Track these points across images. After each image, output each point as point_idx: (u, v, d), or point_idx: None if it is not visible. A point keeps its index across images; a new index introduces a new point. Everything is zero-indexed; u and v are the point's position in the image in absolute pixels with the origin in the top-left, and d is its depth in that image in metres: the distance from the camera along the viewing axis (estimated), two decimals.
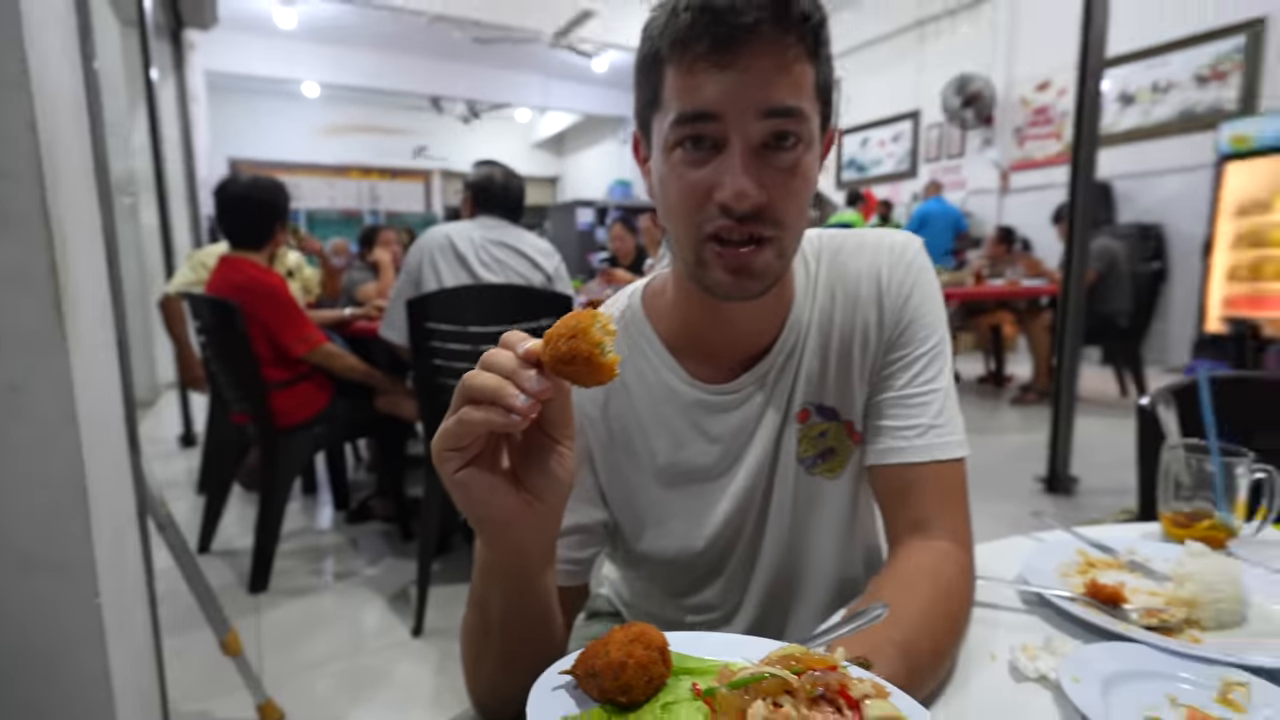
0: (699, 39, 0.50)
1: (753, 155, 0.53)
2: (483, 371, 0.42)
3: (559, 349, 0.40)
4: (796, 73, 0.52)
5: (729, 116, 0.52)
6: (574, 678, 0.42)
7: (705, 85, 0.51)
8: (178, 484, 3.07)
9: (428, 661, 1.68)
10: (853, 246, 0.68)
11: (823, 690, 0.37)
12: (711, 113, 0.52)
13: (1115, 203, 5.67)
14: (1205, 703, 0.48)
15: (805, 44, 0.52)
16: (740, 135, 0.52)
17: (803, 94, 0.53)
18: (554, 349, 0.40)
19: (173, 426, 3.85)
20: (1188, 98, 5.27)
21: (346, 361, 2.16)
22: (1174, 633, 0.57)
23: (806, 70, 0.53)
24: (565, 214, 9.06)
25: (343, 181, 10.77)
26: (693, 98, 0.52)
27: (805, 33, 0.52)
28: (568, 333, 0.40)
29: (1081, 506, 2.64)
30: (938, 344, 0.66)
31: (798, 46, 0.52)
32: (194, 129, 5.08)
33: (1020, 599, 0.65)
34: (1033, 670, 0.52)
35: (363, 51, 8.39)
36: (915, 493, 0.63)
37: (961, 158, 6.91)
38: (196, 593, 1.27)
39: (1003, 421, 4.07)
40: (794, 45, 0.51)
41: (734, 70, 0.51)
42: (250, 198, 2.12)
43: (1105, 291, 4.11)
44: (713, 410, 0.66)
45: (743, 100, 0.51)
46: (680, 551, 0.69)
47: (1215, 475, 0.74)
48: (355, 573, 2.17)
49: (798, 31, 0.51)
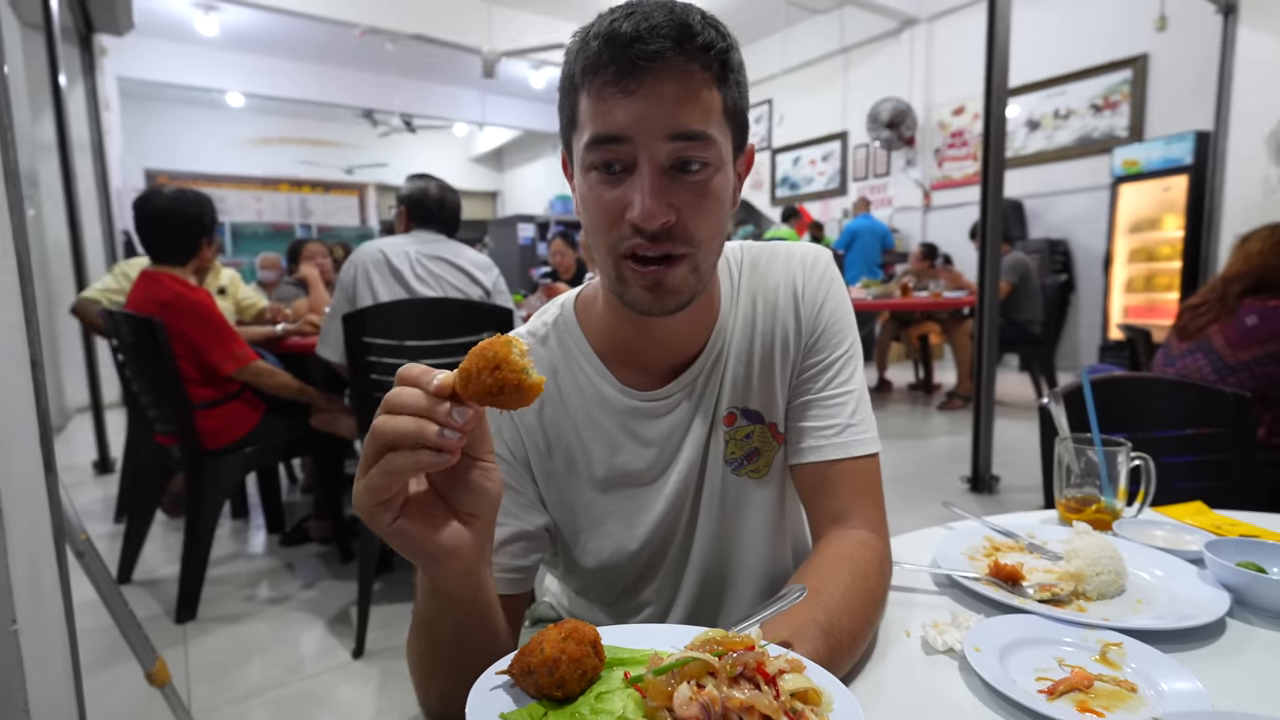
0: (607, 66, 0.54)
1: (661, 176, 0.56)
2: (395, 416, 0.41)
3: (484, 383, 0.40)
4: (702, 98, 0.55)
5: (637, 140, 0.54)
6: (511, 676, 0.43)
7: (614, 110, 0.54)
8: (93, 513, 2.88)
9: (370, 682, 1.64)
10: (768, 258, 0.73)
11: (742, 669, 0.40)
12: (621, 136, 0.55)
13: (1026, 220, 6.08)
14: (1087, 662, 0.54)
15: (710, 71, 0.55)
16: (648, 157, 0.55)
17: (710, 119, 0.56)
18: (479, 384, 0.40)
19: (86, 452, 3.61)
20: (1085, 124, 5.73)
21: (279, 379, 2.09)
22: (1064, 604, 0.64)
23: (713, 95, 0.56)
24: (506, 229, 9.01)
25: (271, 195, 10.38)
26: (603, 121, 0.55)
27: (709, 61, 0.55)
28: (489, 365, 0.40)
29: (1003, 504, 2.81)
30: (850, 348, 0.71)
31: (703, 74, 0.55)
32: (107, 138, 4.81)
33: (933, 581, 0.71)
34: (941, 643, 0.57)
35: (291, 62, 8.14)
36: (835, 487, 0.68)
37: (887, 176, 7.27)
38: (120, 622, 1.21)
39: (932, 426, 4.27)
40: (698, 72, 0.54)
41: (640, 96, 0.53)
42: (174, 211, 2.03)
43: (1019, 302, 4.40)
44: (644, 416, 0.69)
45: (649, 125, 0.54)
46: (616, 553, 0.71)
47: (1099, 464, 0.82)
48: (291, 597, 2.10)
49: (701, 60, 0.54)
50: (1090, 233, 5.67)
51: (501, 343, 0.41)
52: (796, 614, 0.53)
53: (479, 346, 0.41)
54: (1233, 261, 1.76)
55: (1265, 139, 4.17)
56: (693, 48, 0.54)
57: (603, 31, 0.54)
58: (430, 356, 1.74)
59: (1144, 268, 5.31)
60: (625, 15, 0.54)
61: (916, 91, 6.82)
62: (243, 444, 2.06)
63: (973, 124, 6.49)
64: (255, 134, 9.98)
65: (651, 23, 0.52)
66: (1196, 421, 1.30)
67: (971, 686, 0.52)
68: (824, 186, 7.94)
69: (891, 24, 6.83)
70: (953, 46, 6.54)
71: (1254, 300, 1.67)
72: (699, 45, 0.54)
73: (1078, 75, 5.71)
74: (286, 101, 8.58)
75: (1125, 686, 0.50)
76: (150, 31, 6.81)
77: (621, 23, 0.53)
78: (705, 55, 0.54)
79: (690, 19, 0.54)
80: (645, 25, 0.52)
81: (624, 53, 0.53)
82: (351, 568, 2.25)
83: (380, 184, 11.14)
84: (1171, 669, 0.51)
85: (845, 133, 7.60)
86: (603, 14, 0.55)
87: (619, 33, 0.53)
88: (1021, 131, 6.08)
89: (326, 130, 10.46)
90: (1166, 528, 0.79)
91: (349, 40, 6.63)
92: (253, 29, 7.07)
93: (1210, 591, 0.64)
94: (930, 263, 5.19)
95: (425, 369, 0.42)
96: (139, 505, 2.28)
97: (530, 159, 11.87)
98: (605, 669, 0.44)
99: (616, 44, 0.53)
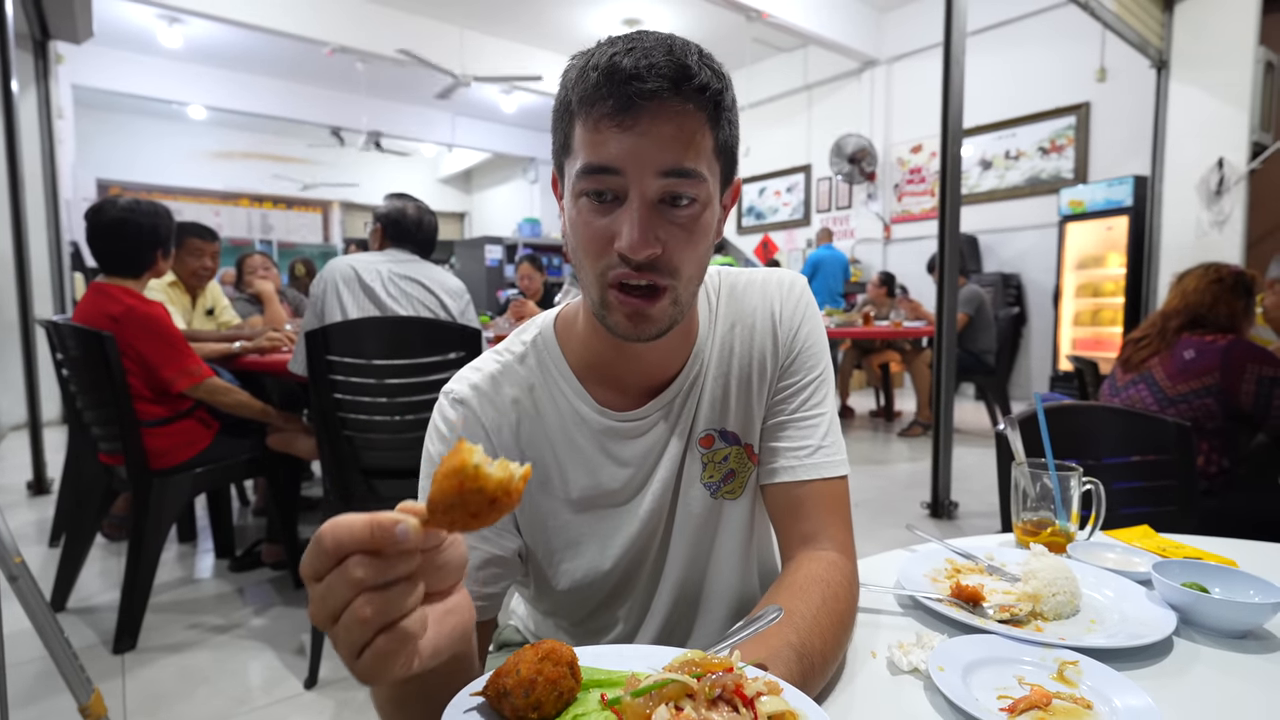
0: (605, 100, 0.54)
1: (650, 209, 0.57)
2: (351, 597, 0.34)
3: (468, 520, 0.36)
4: (695, 138, 0.56)
5: (629, 173, 0.56)
6: (485, 698, 0.43)
7: (609, 142, 0.55)
8: (27, 536, 2.73)
9: (324, 713, 1.57)
10: (745, 284, 0.75)
11: (720, 691, 0.40)
12: (613, 168, 0.56)
13: (981, 254, 6.33)
14: (1045, 680, 0.56)
15: (705, 112, 0.56)
16: (639, 191, 0.56)
17: (701, 157, 0.57)
18: (463, 522, 0.36)
19: (20, 472, 3.42)
20: (1034, 165, 6.02)
21: (236, 397, 2.03)
22: (1022, 624, 0.66)
23: (705, 135, 0.57)
24: (473, 250, 8.97)
25: (230, 209, 10.15)
26: (597, 152, 0.56)
27: (704, 102, 0.56)
28: (467, 501, 0.35)
29: (961, 529, 2.87)
30: (823, 372, 0.73)
31: (697, 114, 0.56)
32: (58, 147, 4.67)
33: (897, 602, 0.72)
34: (906, 663, 0.58)
35: (257, 77, 8.04)
36: (806, 508, 0.69)
37: (849, 209, 7.49)
38: (53, 651, 1.14)
39: (893, 453, 4.36)
40: (693, 113, 0.56)
41: (634, 132, 0.54)
42: (128, 222, 1.95)
43: (974, 333, 4.56)
44: (620, 437, 0.70)
45: (642, 160, 0.55)
46: (589, 573, 0.71)
47: (1054, 488, 0.85)
48: (240, 624, 2.01)
49: (696, 101, 0.55)
50: (1040, 268, 5.92)
51: (469, 473, 0.35)
52: (770, 636, 0.54)
53: (446, 478, 0.35)
54: (1171, 298, 1.87)
55: (1196, 186, 4.44)
56: (689, 89, 0.55)
57: (603, 64, 0.55)
58: (396, 376, 1.71)
59: (1090, 303, 5.56)
60: (626, 50, 0.55)
61: (877, 128, 7.08)
62: (193, 464, 1.98)
63: (930, 161, 6.76)
64: (216, 147, 9.78)
65: (651, 60, 0.54)
66: (1142, 449, 1.36)
67: (936, 705, 0.53)
68: (789, 217, 8.14)
69: (853, 64, 7.10)
70: (911, 88, 6.83)
71: (1191, 335, 1.77)
72: (695, 87, 0.55)
73: (1026, 119, 6.01)
74: (251, 116, 8.45)
75: (1081, 704, 0.52)
76: (110, 41, 6.67)
77: (622, 57, 0.54)
78: (700, 97, 0.55)
79: (689, 60, 0.55)
80: (645, 63, 0.53)
81: (622, 89, 0.54)
82: (304, 594, 2.17)
83: (345, 201, 11.00)
84: (1125, 686, 0.53)
85: (809, 165, 7.83)
86: (603, 44, 0.57)
87: (619, 68, 0.54)
88: (975, 170, 6.36)
89: (291, 146, 10.32)
90: (1117, 550, 0.82)
91: (318, 57, 6.59)
92: (218, 43, 6.97)
93: (1158, 611, 0.66)
94: (887, 289, 5.35)
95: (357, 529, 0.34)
96: (77, 527, 2.17)
97: (499, 181, 11.89)
98: (582, 690, 0.44)
99: (615, 79, 0.54)
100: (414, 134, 9.37)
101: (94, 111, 8.23)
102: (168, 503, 1.94)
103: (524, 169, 11.01)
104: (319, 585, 0.35)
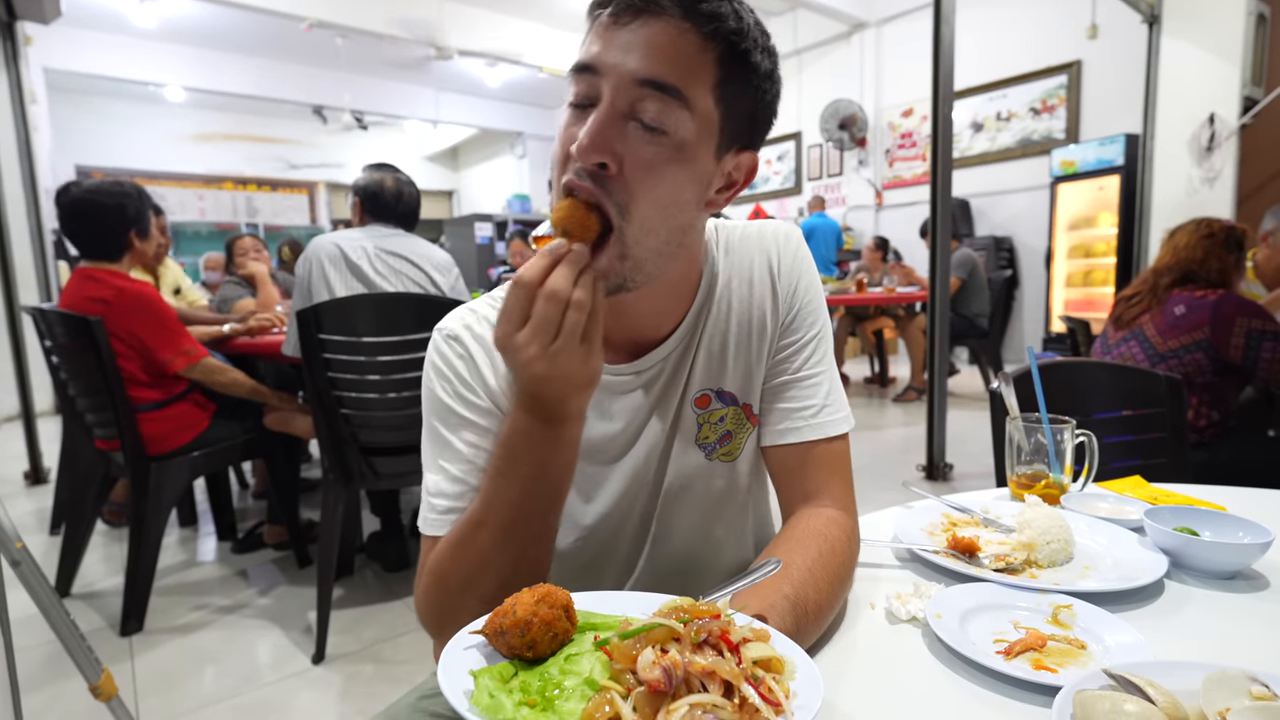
0: (608, 3, 0.54)
1: (616, 117, 0.54)
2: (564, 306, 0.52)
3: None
4: (688, 60, 0.53)
5: (605, 73, 0.54)
6: (484, 636, 0.45)
7: (597, 42, 0.54)
8: (27, 526, 2.73)
9: (332, 688, 1.60)
10: (740, 237, 0.73)
11: (706, 636, 0.41)
12: (592, 66, 0.54)
13: (973, 218, 6.31)
14: (1040, 624, 0.57)
15: (712, 42, 0.53)
16: (611, 96, 0.53)
17: (691, 81, 0.54)
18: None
19: (17, 463, 3.42)
20: (1025, 126, 5.97)
21: (231, 376, 2.02)
22: (1017, 572, 0.67)
23: (704, 66, 0.54)
24: (463, 228, 8.87)
25: (215, 193, 9.98)
26: (585, 51, 0.55)
27: (713, 32, 0.53)
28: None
29: (956, 490, 2.86)
30: (823, 328, 0.72)
31: (699, 39, 0.53)
32: (34, 134, 4.56)
33: (895, 556, 0.73)
34: (904, 613, 0.59)
35: (235, 55, 7.83)
36: (808, 467, 0.69)
37: (841, 176, 7.43)
38: (61, 634, 1.15)
39: (888, 418, 4.39)
40: (691, 33, 0.53)
41: (625, 31, 0.53)
42: (91, 202, 1.87)
43: (967, 296, 4.56)
44: (608, 391, 0.68)
45: (621, 61, 0.53)
46: (569, 527, 0.70)
47: (1047, 441, 0.86)
48: (245, 604, 2.02)
49: (703, 27, 0.53)
50: (1032, 230, 5.91)
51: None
52: (765, 587, 0.54)
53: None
54: (1162, 254, 1.87)
55: (1187, 142, 4.41)
56: (698, 13, 0.53)
57: None
58: (387, 353, 1.70)
59: (1082, 264, 5.56)
60: None
61: (867, 93, 7.00)
62: (191, 448, 1.98)
63: (921, 125, 6.69)
64: (197, 130, 9.57)
65: None
66: (1133, 403, 1.37)
67: (934, 650, 0.54)
68: (780, 186, 8.08)
69: (842, 27, 6.98)
70: (901, 50, 6.73)
71: (1182, 291, 1.77)
72: (705, 13, 0.53)
73: (1017, 79, 5.95)
74: (230, 96, 8.26)
75: (1075, 644, 0.53)
76: (81, 21, 6.48)
77: None
78: (709, 24, 0.53)
79: None
80: None
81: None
82: (309, 573, 2.19)
83: (331, 182, 10.83)
84: (1117, 626, 0.55)
85: (799, 133, 7.74)
86: None
87: None
88: (967, 133, 6.30)
89: (273, 126, 10.11)
90: (1109, 500, 0.83)
91: (296, 34, 6.43)
92: (192, 21, 6.77)
93: (1150, 555, 0.68)
94: (882, 254, 5.35)
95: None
96: (77, 515, 2.17)
97: (487, 157, 11.70)
98: (577, 632, 0.45)
99: None
100: (398, 111, 9.19)
101: (69, 95, 8.02)
102: (167, 487, 1.94)
103: (511, 144, 10.83)
104: (533, 318, 0.51)
